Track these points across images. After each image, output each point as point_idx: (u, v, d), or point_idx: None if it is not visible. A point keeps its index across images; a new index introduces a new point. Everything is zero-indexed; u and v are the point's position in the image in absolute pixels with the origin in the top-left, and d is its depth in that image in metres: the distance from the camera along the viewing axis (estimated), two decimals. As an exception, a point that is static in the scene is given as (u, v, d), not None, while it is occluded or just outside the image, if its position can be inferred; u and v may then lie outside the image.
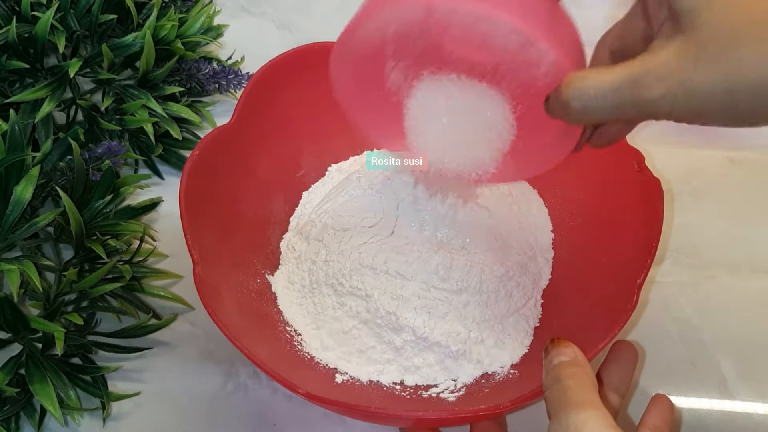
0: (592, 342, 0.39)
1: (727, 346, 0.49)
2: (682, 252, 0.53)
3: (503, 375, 0.45)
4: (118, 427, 0.46)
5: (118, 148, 0.50)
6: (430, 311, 0.45)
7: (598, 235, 0.49)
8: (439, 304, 0.45)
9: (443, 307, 0.45)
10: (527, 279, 0.49)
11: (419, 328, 0.44)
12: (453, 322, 0.45)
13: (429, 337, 0.44)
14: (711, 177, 0.57)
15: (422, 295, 0.46)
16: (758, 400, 0.47)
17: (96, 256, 0.47)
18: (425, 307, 0.45)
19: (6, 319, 0.43)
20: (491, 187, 0.52)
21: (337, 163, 0.56)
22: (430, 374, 0.45)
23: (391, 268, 0.46)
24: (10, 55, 0.51)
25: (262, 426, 0.46)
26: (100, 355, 0.48)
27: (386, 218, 0.49)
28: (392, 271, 0.46)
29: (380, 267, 0.46)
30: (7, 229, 0.44)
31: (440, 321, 0.45)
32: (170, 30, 0.56)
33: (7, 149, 0.46)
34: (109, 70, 0.54)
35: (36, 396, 0.43)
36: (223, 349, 0.49)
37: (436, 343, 0.44)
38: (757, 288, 0.52)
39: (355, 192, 0.52)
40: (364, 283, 0.46)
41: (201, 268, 0.42)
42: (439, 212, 0.49)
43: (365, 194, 0.51)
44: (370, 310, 0.45)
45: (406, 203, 0.49)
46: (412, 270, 0.46)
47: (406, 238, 0.48)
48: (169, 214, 0.55)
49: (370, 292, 0.46)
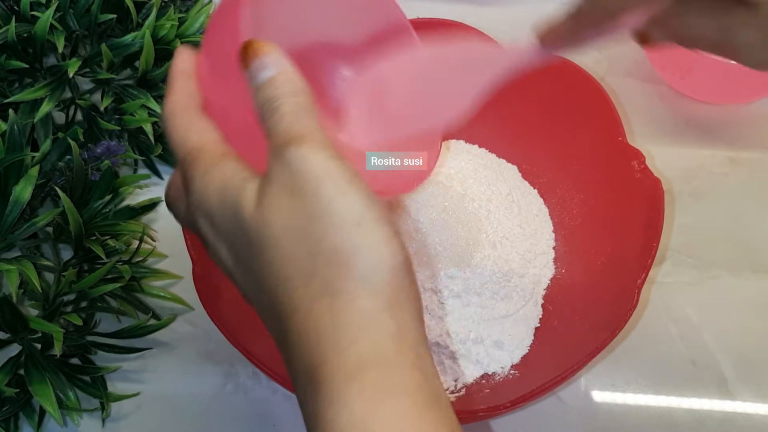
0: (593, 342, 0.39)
1: (727, 346, 0.49)
2: (683, 252, 0.53)
3: (503, 375, 0.45)
4: (118, 427, 0.46)
5: (118, 148, 0.50)
6: (429, 313, 0.45)
7: (599, 235, 0.49)
8: (439, 305, 0.45)
9: (442, 309, 0.45)
10: (527, 280, 0.49)
11: None
12: (453, 323, 0.45)
13: (428, 339, 0.44)
14: (711, 177, 0.57)
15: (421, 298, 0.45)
16: (758, 400, 0.47)
17: (95, 256, 0.47)
18: (424, 309, 0.45)
19: (5, 319, 0.43)
20: (491, 188, 0.52)
21: (336, 163, 0.55)
22: (430, 374, 0.45)
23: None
24: (9, 54, 0.51)
25: (262, 426, 0.46)
26: (99, 356, 0.48)
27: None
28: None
29: None
30: (6, 229, 0.44)
31: (440, 322, 0.45)
32: (170, 29, 0.56)
33: (6, 149, 0.46)
34: (109, 69, 0.53)
35: (35, 396, 0.43)
36: (223, 350, 0.49)
37: (435, 344, 0.44)
38: (757, 288, 0.51)
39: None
40: None
41: (200, 268, 0.42)
42: (435, 217, 0.49)
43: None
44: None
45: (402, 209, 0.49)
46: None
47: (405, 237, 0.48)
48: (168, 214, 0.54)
49: None
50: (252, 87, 0.28)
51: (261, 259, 0.26)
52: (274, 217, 0.25)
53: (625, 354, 0.49)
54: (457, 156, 0.54)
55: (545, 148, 0.53)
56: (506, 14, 0.68)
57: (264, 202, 0.25)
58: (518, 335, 0.46)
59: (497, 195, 0.51)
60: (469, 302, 0.46)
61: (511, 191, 0.52)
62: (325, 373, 0.24)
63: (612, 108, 0.48)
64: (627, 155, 0.46)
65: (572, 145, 0.51)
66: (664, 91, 0.62)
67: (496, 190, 0.52)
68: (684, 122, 0.60)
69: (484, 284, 0.47)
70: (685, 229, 0.54)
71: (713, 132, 0.59)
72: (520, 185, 0.54)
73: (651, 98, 0.61)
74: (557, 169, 0.52)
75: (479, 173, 0.53)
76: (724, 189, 0.56)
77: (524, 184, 0.54)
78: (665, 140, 0.58)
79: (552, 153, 0.53)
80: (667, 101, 0.61)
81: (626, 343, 0.49)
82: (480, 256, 0.48)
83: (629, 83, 0.62)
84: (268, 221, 0.25)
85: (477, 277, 0.46)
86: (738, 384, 0.47)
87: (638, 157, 0.46)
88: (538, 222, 0.52)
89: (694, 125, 0.60)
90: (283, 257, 0.25)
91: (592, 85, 0.49)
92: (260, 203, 0.26)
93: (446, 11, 0.66)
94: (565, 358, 0.41)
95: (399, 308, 0.25)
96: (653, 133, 0.59)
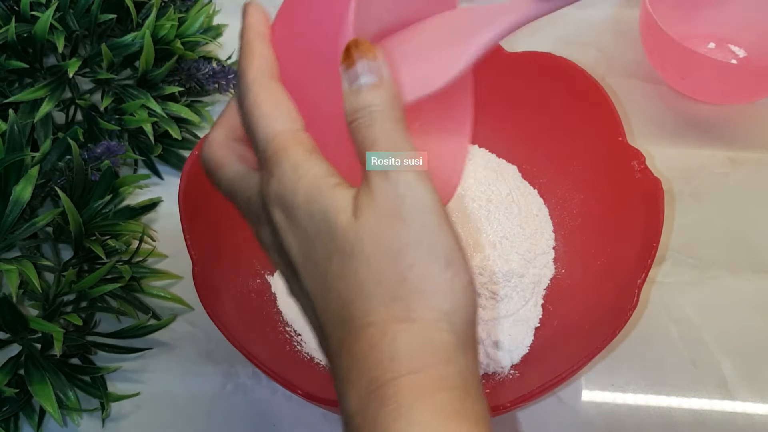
0: (593, 342, 0.39)
1: (727, 346, 0.49)
2: (683, 252, 0.53)
3: (503, 375, 0.45)
4: (118, 427, 0.46)
5: (118, 148, 0.50)
6: None
7: (599, 235, 0.49)
8: None
9: None
10: (528, 280, 0.49)
11: None
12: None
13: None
14: (711, 177, 0.57)
15: None
16: (758, 400, 0.47)
17: (95, 256, 0.47)
18: None
19: (5, 319, 0.43)
20: (491, 188, 0.52)
21: (336, 163, 0.55)
22: (430, 374, 0.45)
23: None
24: (9, 54, 0.51)
25: (262, 426, 0.46)
26: (99, 356, 0.48)
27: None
28: None
29: None
30: (6, 229, 0.44)
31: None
32: (169, 30, 0.56)
33: (6, 149, 0.46)
34: (109, 69, 0.53)
35: (35, 397, 0.43)
36: (223, 350, 0.49)
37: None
38: (757, 288, 0.51)
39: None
40: None
41: (200, 268, 0.42)
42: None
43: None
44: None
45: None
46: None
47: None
48: (168, 214, 0.55)
49: None
50: (347, 85, 0.28)
51: (345, 267, 0.26)
52: (370, 234, 0.26)
53: (625, 354, 0.49)
54: (457, 156, 0.54)
55: (545, 148, 0.53)
56: (506, 14, 0.68)
57: (363, 216, 0.26)
58: (518, 335, 0.46)
59: (497, 195, 0.51)
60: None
61: (511, 191, 0.52)
62: (397, 389, 0.25)
63: (612, 108, 0.48)
64: (627, 155, 0.46)
65: (572, 145, 0.51)
66: (664, 91, 0.62)
67: (496, 190, 0.52)
68: (684, 122, 0.60)
69: (484, 284, 0.47)
70: (685, 229, 0.54)
71: (713, 132, 0.59)
72: (520, 185, 0.54)
73: (651, 98, 0.62)
74: (557, 169, 0.52)
75: (479, 173, 0.53)
76: (724, 189, 0.56)
77: (524, 184, 0.54)
78: (665, 140, 0.58)
79: (552, 153, 0.53)
80: (667, 101, 0.61)
81: (626, 343, 0.49)
82: (480, 256, 0.48)
83: (629, 83, 0.62)
84: (364, 237, 0.26)
85: (477, 277, 0.46)
86: (738, 384, 0.47)
87: (638, 157, 0.46)
88: (538, 222, 0.52)
89: (694, 125, 0.60)
90: (370, 274, 0.26)
91: (592, 85, 0.49)
92: (359, 216, 0.26)
93: (446, 11, 0.66)
94: (565, 358, 0.41)
95: (470, 348, 0.26)
96: (653, 133, 0.59)
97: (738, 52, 0.64)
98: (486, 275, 0.47)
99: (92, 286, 0.46)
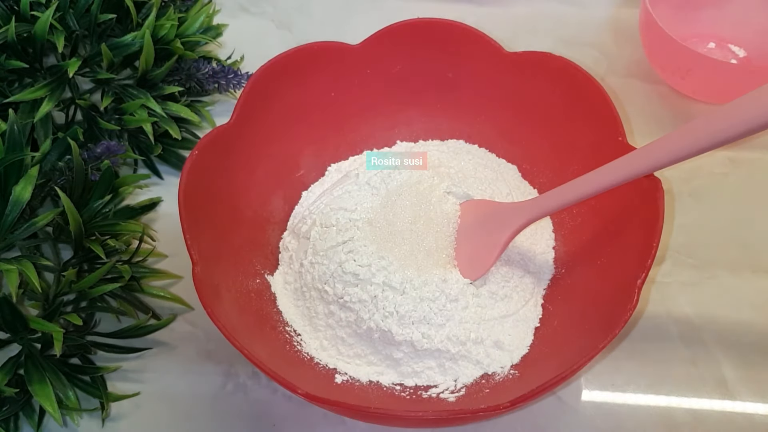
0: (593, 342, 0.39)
1: (727, 346, 0.49)
2: (683, 252, 0.53)
3: (503, 375, 0.45)
4: (117, 427, 0.46)
5: (117, 148, 0.50)
6: (428, 322, 0.44)
7: (599, 235, 0.49)
8: (438, 313, 0.45)
9: (442, 316, 0.45)
10: (527, 280, 0.49)
11: (418, 341, 0.44)
12: (453, 327, 0.45)
13: (429, 347, 0.44)
14: (711, 177, 0.57)
15: (418, 308, 0.44)
16: (758, 400, 0.47)
17: (95, 256, 0.47)
18: (423, 319, 0.44)
19: (5, 319, 0.43)
20: (491, 188, 0.52)
21: (336, 162, 0.56)
22: (430, 376, 0.45)
23: (376, 277, 0.45)
24: (9, 54, 0.51)
25: (262, 426, 0.46)
26: (99, 356, 0.48)
27: (378, 214, 0.49)
28: (378, 281, 0.45)
29: (363, 275, 0.45)
30: (6, 229, 0.44)
31: (440, 329, 0.44)
32: (169, 29, 0.56)
33: (6, 149, 0.46)
34: (108, 69, 0.53)
35: (35, 396, 0.43)
36: (223, 350, 0.49)
37: (437, 350, 0.44)
38: (757, 288, 0.51)
39: (351, 187, 0.51)
40: (350, 295, 0.45)
41: (200, 268, 0.42)
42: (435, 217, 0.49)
43: (361, 189, 0.51)
44: (362, 327, 0.45)
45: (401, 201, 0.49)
46: (399, 279, 0.45)
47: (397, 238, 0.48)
48: (168, 214, 0.55)
49: (361, 313, 0.45)
50: None
51: None
52: None
53: (625, 354, 0.49)
54: (457, 156, 0.54)
55: (545, 148, 0.53)
56: (506, 14, 0.68)
57: None
58: (518, 335, 0.46)
59: (497, 195, 0.51)
60: (468, 304, 0.46)
61: (511, 191, 0.52)
62: None
63: (612, 108, 0.47)
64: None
65: (572, 145, 0.51)
66: (664, 91, 0.62)
67: (496, 190, 0.52)
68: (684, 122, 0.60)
69: (483, 284, 0.47)
70: (685, 229, 0.54)
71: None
72: (520, 185, 0.54)
73: (651, 98, 0.62)
74: (557, 169, 0.52)
75: (479, 173, 0.53)
76: (724, 189, 0.56)
77: (524, 184, 0.54)
78: (665, 140, 0.58)
79: (552, 153, 0.53)
80: (667, 101, 0.61)
81: (626, 343, 0.49)
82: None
83: (629, 83, 0.62)
84: None
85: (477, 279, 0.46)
86: (738, 384, 0.47)
87: (638, 157, 0.46)
88: (538, 222, 0.52)
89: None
90: None
91: (592, 85, 0.49)
92: None
93: (446, 11, 0.66)
94: (565, 358, 0.41)
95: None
96: (653, 133, 0.59)
97: (738, 52, 0.64)
98: (486, 275, 0.47)
99: (92, 286, 0.46)
